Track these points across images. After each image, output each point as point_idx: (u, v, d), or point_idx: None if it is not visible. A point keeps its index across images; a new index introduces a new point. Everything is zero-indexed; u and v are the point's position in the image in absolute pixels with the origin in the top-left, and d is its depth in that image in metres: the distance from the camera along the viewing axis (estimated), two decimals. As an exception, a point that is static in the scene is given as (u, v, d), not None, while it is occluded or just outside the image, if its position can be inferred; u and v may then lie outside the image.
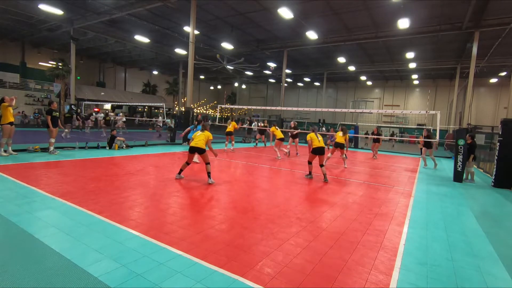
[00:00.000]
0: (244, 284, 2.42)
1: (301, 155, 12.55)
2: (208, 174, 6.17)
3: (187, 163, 6.37)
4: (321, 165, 7.32)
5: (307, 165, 7.54)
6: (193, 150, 6.27)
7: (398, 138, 23.08)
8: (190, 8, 14.69)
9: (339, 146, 9.63)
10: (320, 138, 7.39)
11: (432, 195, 6.37)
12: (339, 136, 9.71)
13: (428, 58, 23.34)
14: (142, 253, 2.84)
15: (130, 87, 35.51)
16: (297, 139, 12.99)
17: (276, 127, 12.16)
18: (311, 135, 7.50)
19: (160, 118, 21.07)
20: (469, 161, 8.48)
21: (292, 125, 13.56)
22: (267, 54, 23.88)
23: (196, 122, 9.59)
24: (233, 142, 12.88)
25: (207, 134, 6.42)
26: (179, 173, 6.35)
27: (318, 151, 7.28)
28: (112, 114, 22.20)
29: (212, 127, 20.47)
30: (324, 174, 7.27)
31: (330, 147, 14.79)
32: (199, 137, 6.31)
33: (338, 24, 17.28)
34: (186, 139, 8.91)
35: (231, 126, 12.79)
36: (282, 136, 11.61)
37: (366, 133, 20.84)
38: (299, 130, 13.68)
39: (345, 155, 11.01)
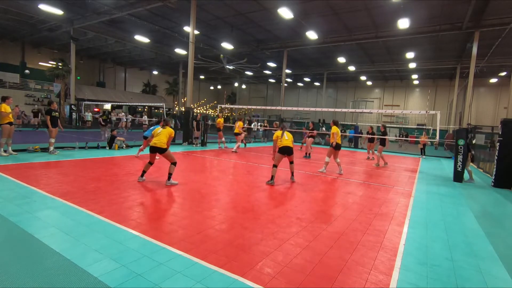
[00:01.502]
0: (244, 284, 2.42)
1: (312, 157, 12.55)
2: (169, 175, 5.65)
3: (150, 163, 5.88)
4: (291, 162, 6.87)
5: (273, 169, 6.59)
6: (153, 150, 5.67)
7: (405, 138, 23.09)
8: (190, 8, 14.69)
9: (339, 148, 8.24)
10: (289, 137, 6.75)
11: (432, 195, 6.37)
12: (337, 134, 8.18)
13: (428, 58, 23.34)
14: (142, 253, 2.84)
15: (130, 87, 35.51)
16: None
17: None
18: (277, 133, 6.82)
19: (145, 117, 20.07)
20: (467, 159, 8.50)
21: (274, 126, 14.70)
22: (267, 54, 23.88)
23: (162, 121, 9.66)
24: (238, 144, 12.91)
25: (169, 130, 5.79)
26: (142, 175, 5.85)
27: (285, 151, 6.65)
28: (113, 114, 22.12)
29: (213, 127, 20.48)
30: (292, 172, 6.88)
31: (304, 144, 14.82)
32: (160, 135, 5.68)
33: (338, 24, 17.28)
34: (144, 137, 9.04)
35: (237, 126, 12.95)
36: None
37: (361, 132, 20.81)
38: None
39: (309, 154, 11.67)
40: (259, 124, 23.71)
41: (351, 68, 26.89)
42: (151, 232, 3.35)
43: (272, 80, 38.88)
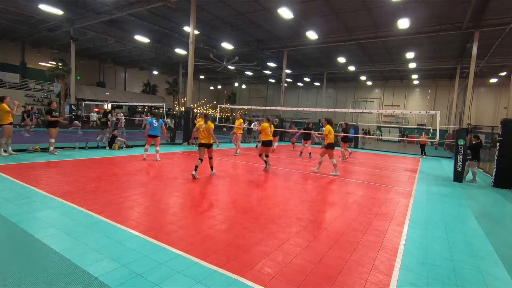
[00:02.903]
0: (244, 284, 2.42)
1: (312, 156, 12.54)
2: (211, 167, 6.94)
3: (200, 160, 6.59)
4: (267, 155, 8.11)
5: (260, 158, 8.14)
6: (202, 146, 6.69)
7: (403, 138, 23.14)
8: (190, 8, 14.68)
9: (332, 147, 8.07)
10: (271, 131, 8.24)
11: (432, 195, 6.37)
12: (332, 133, 7.92)
13: (428, 58, 23.34)
14: (142, 253, 2.84)
15: (130, 87, 35.51)
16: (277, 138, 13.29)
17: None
18: (264, 125, 8.07)
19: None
20: (472, 161, 8.48)
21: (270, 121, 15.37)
22: (267, 54, 23.88)
23: (151, 115, 9.62)
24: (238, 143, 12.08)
25: (210, 125, 6.68)
26: (195, 170, 6.49)
27: (267, 144, 8.02)
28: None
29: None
30: (266, 162, 8.02)
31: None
32: (204, 132, 6.62)
33: (338, 24, 17.27)
34: (149, 135, 8.72)
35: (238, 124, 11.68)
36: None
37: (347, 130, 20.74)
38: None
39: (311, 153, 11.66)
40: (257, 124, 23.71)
41: (351, 68, 26.88)
42: (151, 232, 3.35)
43: (272, 80, 38.87)
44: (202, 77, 39.12)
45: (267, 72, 31.92)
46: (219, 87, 47.02)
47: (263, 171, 7.91)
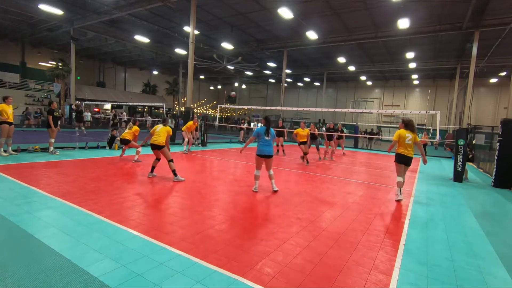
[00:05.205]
0: (244, 284, 2.42)
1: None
2: (173, 171, 6.05)
3: (157, 159, 6.33)
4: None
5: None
6: (153, 148, 6.15)
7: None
8: (190, 8, 14.70)
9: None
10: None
11: (432, 195, 6.37)
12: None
13: (428, 58, 23.35)
14: (142, 253, 2.84)
15: (130, 87, 35.49)
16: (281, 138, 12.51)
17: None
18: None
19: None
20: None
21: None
22: (267, 54, 23.89)
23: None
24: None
25: (167, 128, 6.28)
26: (152, 171, 6.30)
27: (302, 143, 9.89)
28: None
29: (212, 127, 20.42)
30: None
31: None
32: (159, 132, 6.17)
33: (338, 24, 17.29)
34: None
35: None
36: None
37: (361, 132, 20.64)
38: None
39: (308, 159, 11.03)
40: (257, 123, 23.72)
41: (351, 68, 26.90)
42: (151, 232, 3.35)
43: (272, 80, 38.89)
44: (202, 77, 39.14)
45: (267, 72, 31.94)
46: (219, 87, 47.05)
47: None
